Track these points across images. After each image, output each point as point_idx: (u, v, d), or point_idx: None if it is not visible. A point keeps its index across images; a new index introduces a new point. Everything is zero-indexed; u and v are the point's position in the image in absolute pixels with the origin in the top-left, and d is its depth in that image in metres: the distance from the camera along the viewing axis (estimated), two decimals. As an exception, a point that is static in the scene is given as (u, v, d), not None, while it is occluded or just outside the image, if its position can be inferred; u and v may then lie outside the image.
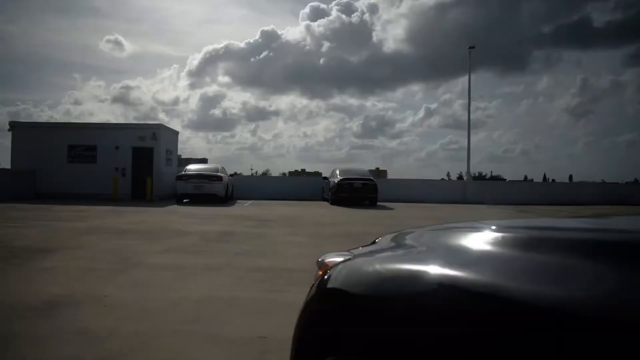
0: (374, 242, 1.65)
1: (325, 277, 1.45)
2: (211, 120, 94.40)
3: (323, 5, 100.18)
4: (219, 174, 19.72)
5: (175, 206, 17.26)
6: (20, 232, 8.82)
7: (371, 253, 1.47)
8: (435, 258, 1.21)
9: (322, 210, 16.87)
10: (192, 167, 20.71)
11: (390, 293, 1.16)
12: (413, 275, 1.15)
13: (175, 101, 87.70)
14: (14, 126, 21.58)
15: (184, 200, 19.39)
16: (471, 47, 27.19)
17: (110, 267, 5.76)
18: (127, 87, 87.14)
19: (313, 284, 1.58)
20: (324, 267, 1.60)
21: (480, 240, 1.20)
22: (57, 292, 4.46)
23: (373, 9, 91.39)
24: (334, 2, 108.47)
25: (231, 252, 7.21)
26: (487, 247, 1.15)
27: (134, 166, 21.04)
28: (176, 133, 24.73)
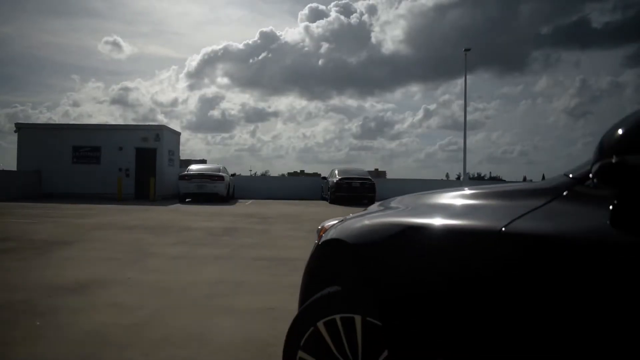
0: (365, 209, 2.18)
1: (325, 233, 1.98)
2: (210, 122, 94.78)
3: (322, 7, 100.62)
4: (220, 173, 20.23)
5: (179, 205, 17.76)
6: (36, 228, 9.33)
7: (361, 214, 2.00)
8: (409, 211, 1.74)
9: (321, 209, 17.38)
10: (195, 167, 21.20)
11: (375, 238, 1.69)
12: (392, 224, 1.68)
13: (174, 102, 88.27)
14: (20, 128, 22.08)
15: (187, 200, 19.90)
16: (467, 50, 27.71)
17: (127, 257, 6.28)
18: (126, 89, 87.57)
19: (316, 242, 2.11)
20: (324, 229, 2.13)
21: (443, 198, 1.74)
22: (85, 276, 4.98)
23: (372, 10, 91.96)
24: (332, 3, 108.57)
25: (237, 244, 7.73)
26: (449, 201, 1.68)
27: (137, 166, 21.53)
28: (178, 134, 25.24)
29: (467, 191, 1.71)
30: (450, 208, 1.62)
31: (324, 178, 24.75)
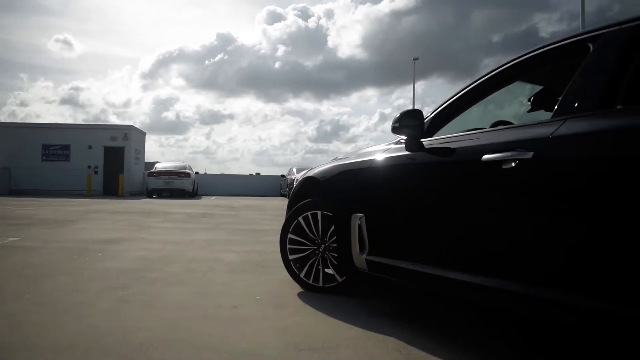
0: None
1: (303, 173, 3.71)
2: (164, 123, 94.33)
3: (280, 10, 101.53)
4: (187, 170, 21.65)
5: (148, 199, 19.09)
6: (36, 212, 10.64)
7: (323, 164, 3.72)
8: (345, 160, 3.46)
9: (281, 202, 19.05)
10: (162, 165, 22.53)
11: (329, 175, 3.41)
12: (336, 166, 3.40)
13: (127, 103, 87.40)
14: (-11, 126, 22.86)
15: (153, 196, 21.21)
16: (415, 59, 30.06)
17: (131, 228, 7.80)
18: (77, 88, 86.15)
19: (296, 185, 3.82)
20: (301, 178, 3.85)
21: (363, 156, 3.46)
22: (109, 237, 6.51)
23: (329, 14, 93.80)
24: (290, 6, 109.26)
25: (216, 222, 9.34)
26: (366, 156, 3.41)
27: (106, 164, 22.69)
28: (144, 134, 26.44)
29: (376, 147, 3.43)
30: (363, 155, 3.34)
31: (283, 176, 26.43)
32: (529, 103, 2.77)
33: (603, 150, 1.81)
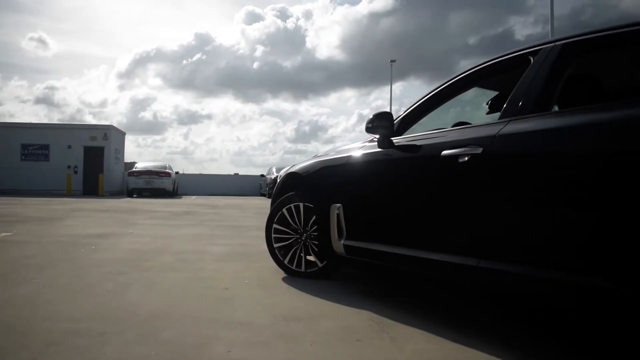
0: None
1: (286, 169, 4.07)
2: (141, 123, 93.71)
3: (258, 10, 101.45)
4: (167, 170, 21.83)
5: (129, 199, 19.23)
6: (21, 210, 10.79)
7: (304, 161, 4.08)
8: (325, 157, 3.83)
9: (260, 202, 19.37)
10: (143, 165, 22.66)
11: (310, 170, 3.78)
12: (316, 163, 3.77)
13: (104, 103, 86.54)
14: (-34, 126, 22.73)
15: (134, 195, 21.34)
16: (392, 61, 30.62)
17: (118, 224, 8.06)
18: (52, 88, 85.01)
19: (279, 180, 4.18)
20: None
21: (341, 153, 3.83)
22: (98, 231, 6.78)
23: (308, 15, 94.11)
24: (269, 7, 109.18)
25: (199, 219, 9.64)
26: (343, 153, 3.78)
27: (85, 164, 22.73)
28: (123, 134, 26.50)
29: (352, 145, 3.80)
30: (340, 153, 3.71)
31: (262, 176, 26.74)
32: (487, 106, 3.17)
33: (540, 145, 2.21)
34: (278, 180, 4.18)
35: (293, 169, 4.01)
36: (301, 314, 2.77)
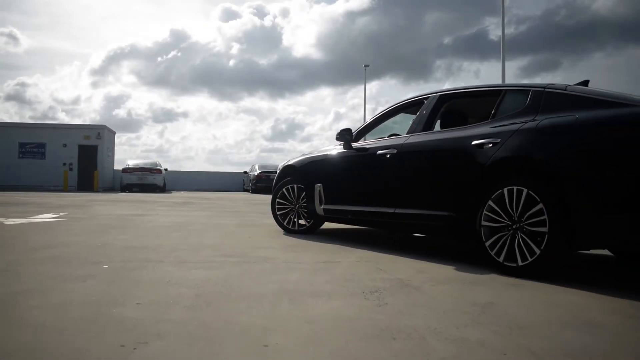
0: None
1: (283, 162, 6.13)
2: (115, 121, 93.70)
3: (235, 7, 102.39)
4: (158, 167, 23.66)
5: (124, 194, 21.00)
6: (47, 200, 12.55)
7: (300, 155, 6.12)
8: (315, 154, 5.88)
9: (246, 196, 21.35)
10: (134, 162, 24.42)
11: (304, 163, 5.83)
12: (309, 157, 5.82)
13: (77, 100, 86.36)
14: (-34, 126, 24.15)
15: (126, 191, 23.12)
16: (366, 66, 32.90)
17: (139, 209, 9.96)
18: (23, 84, 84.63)
19: (279, 170, 6.23)
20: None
21: (329, 150, 5.89)
22: (129, 213, 8.70)
23: (285, 13, 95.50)
24: (246, 4, 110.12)
25: (202, 207, 11.60)
26: (329, 152, 5.84)
27: (80, 161, 24.38)
28: (113, 133, 28.15)
29: (328, 147, 5.83)
30: (321, 152, 5.74)
31: (246, 172, 28.68)
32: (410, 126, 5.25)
33: (423, 148, 4.29)
34: (278, 171, 6.21)
35: (289, 163, 6.04)
36: (298, 244, 4.82)
